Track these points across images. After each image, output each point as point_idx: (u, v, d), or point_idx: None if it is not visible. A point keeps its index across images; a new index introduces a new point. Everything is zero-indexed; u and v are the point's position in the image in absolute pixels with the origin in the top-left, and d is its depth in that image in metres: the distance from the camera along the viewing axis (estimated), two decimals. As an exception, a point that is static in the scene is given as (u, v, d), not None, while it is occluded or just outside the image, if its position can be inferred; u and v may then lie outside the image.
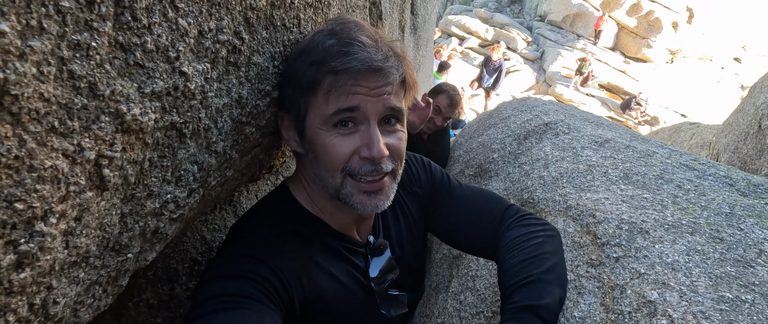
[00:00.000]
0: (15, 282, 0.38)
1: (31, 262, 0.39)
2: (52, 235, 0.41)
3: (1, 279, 0.37)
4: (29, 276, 0.39)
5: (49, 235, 0.40)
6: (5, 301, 0.38)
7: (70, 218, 0.43)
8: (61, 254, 0.43)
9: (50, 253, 0.41)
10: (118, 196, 0.51)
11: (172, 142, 0.58)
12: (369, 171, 0.81)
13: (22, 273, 0.38)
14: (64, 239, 0.43)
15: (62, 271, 0.45)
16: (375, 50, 0.78)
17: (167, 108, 0.55)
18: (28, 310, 0.41)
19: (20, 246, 0.37)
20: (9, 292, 0.38)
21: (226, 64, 0.67)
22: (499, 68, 9.84)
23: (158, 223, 0.61)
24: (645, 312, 0.80)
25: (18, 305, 0.40)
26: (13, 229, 0.37)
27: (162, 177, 0.59)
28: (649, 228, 1.04)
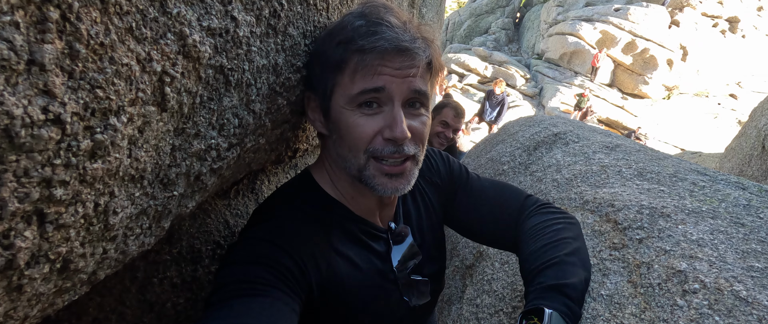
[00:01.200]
0: (89, 170, 0.39)
1: (103, 155, 0.41)
2: (122, 134, 0.42)
3: (78, 163, 0.38)
4: (100, 169, 0.41)
5: (119, 132, 0.42)
6: (78, 188, 0.39)
7: (136, 126, 0.45)
8: (125, 161, 0.45)
9: (118, 152, 0.43)
10: (173, 124, 0.52)
11: (219, 85, 0.61)
12: (391, 152, 0.81)
13: (95, 163, 0.40)
14: (129, 146, 0.45)
15: (123, 181, 0.46)
16: (403, 31, 0.80)
17: (218, 48, 0.57)
18: (93, 208, 0.42)
19: (96, 134, 0.39)
20: (82, 179, 0.39)
21: (267, 25, 0.71)
22: (502, 102, 10.00)
23: (201, 167, 0.62)
24: (675, 281, 0.80)
25: (87, 198, 0.41)
26: (92, 116, 0.38)
27: (208, 120, 0.61)
28: (670, 212, 1.05)
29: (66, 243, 0.40)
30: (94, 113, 0.38)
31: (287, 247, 0.77)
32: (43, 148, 0.34)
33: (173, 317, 0.95)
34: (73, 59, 0.35)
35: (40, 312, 0.43)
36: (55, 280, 0.42)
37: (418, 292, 1.02)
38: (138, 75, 0.43)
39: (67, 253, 0.41)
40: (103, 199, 0.43)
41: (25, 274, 0.37)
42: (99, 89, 0.38)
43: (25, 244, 0.36)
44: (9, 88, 0.31)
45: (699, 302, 0.72)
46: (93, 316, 0.78)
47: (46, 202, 0.36)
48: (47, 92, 0.34)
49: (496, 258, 1.66)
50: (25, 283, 0.38)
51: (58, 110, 0.34)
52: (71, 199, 0.39)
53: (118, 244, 0.50)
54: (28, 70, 0.32)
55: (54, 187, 0.37)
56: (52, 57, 0.33)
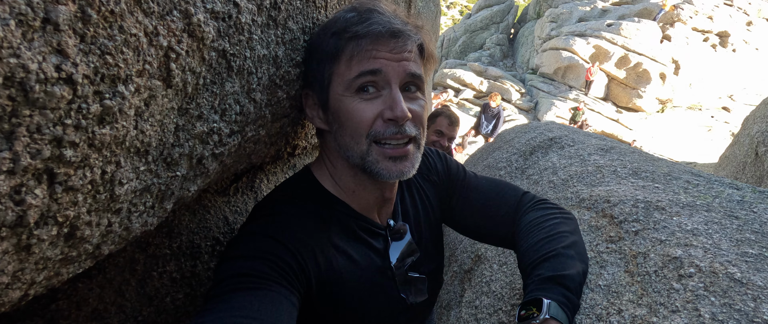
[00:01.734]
0: (97, 135, 0.41)
1: (111, 122, 0.42)
2: (129, 103, 0.44)
3: (87, 126, 0.39)
4: (108, 135, 0.42)
5: (127, 100, 0.43)
6: (87, 152, 0.40)
7: (142, 98, 0.46)
8: (132, 131, 0.46)
9: (125, 121, 0.44)
10: (177, 102, 0.54)
11: (221, 69, 0.62)
12: (393, 133, 0.82)
13: (103, 128, 0.41)
14: (135, 117, 0.46)
15: (129, 152, 0.47)
16: (393, 17, 0.83)
17: (221, 32, 0.59)
18: (100, 175, 0.43)
19: (105, 99, 0.40)
20: (91, 143, 0.40)
21: (268, 16, 0.73)
22: (498, 114, 10.08)
23: (203, 150, 0.64)
24: (671, 267, 0.80)
25: (95, 163, 0.42)
26: (102, 81, 0.40)
27: (210, 103, 0.62)
28: (665, 205, 1.06)
29: (74, 207, 0.41)
30: (103, 79, 0.40)
31: (287, 242, 0.78)
32: (55, 106, 0.36)
33: (172, 312, 0.95)
34: (84, 23, 0.37)
35: (45, 280, 0.44)
36: (62, 246, 0.43)
37: (415, 289, 1.02)
38: (145, 47, 0.44)
39: (74, 219, 0.42)
40: (109, 167, 0.44)
41: (34, 233, 0.38)
42: (108, 55, 0.40)
43: (36, 202, 0.37)
44: (25, 43, 0.32)
45: (695, 285, 0.73)
46: (93, 307, 0.78)
47: (56, 162, 0.37)
48: (60, 51, 0.35)
49: (495, 260, 1.67)
50: (34, 244, 0.39)
51: (70, 70, 0.36)
52: (80, 162, 0.40)
53: (123, 218, 0.51)
54: (44, 27, 0.33)
55: (64, 148, 0.38)
56: (65, 18, 0.35)
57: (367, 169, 0.85)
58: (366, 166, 0.85)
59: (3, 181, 0.33)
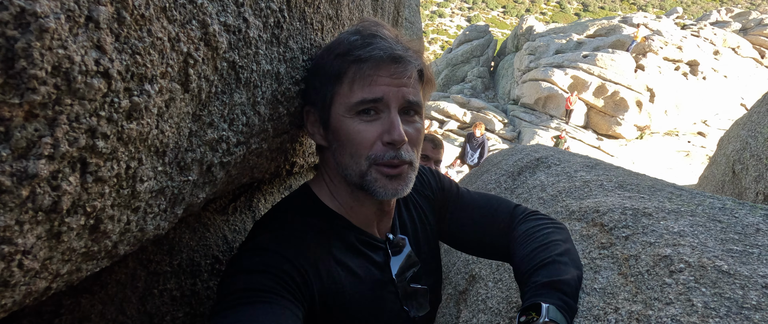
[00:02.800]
0: (126, 129, 0.43)
1: (138, 118, 0.45)
2: (154, 102, 0.46)
3: (118, 120, 0.42)
4: (135, 130, 0.44)
5: (152, 99, 0.46)
6: (116, 145, 0.43)
7: (164, 99, 0.49)
8: (154, 130, 0.48)
9: (150, 118, 0.47)
10: (192, 107, 0.57)
11: (231, 80, 0.66)
12: (391, 157, 0.85)
13: (131, 123, 0.44)
14: (157, 117, 0.49)
15: (150, 151, 0.49)
16: (395, 42, 0.87)
17: (232, 44, 0.63)
18: (125, 170, 0.45)
19: (134, 96, 0.43)
20: (120, 137, 0.43)
21: (272, 34, 0.77)
22: (482, 143, 10.25)
23: (213, 158, 0.66)
24: (662, 265, 0.84)
25: (121, 157, 0.44)
26: (132, 79, 0.43)
27: (220, 111, 0.65)
28: (652, 212, 1.11)
29: (100, 199, 0.43)
30: (133, 77, 0.43)
31: (289, 255, 0.79)
32: (92, 98, 0.38)
33: (172, 331, 0.94)
34: (120, 24, 0.40)
35: (68, 274, 0.45)
36: (86, 238, 0.44)
37: (417, 302, 1.03)
38: (168, 51, 0.48)
39: (100, 211, 0.44)
40: (133, 163, 0.46)
41: (65, 221, 0.40)
42: (138, 55, 0.43)
43: (70, 189, 0.39)
44: (71, 36, 0.35)
45: (685, 278, 0.76)
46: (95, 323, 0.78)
47: (89, 152, 0.40)
48: (99, 47, 0.38)
49: (489, 278, 1.68)
50: (64, 232, 0.40)
51: (107, 65, 0.39)
52: (109, 154, 0.42)
53: (139, 218, 0.53)
54: (87, 24, 0.36)
55: (97, 138, 0.40)
56: (105, 17, 0.38)
57: (364, 187, 0.87)
58: (364, 185, 0.87)
59: (43, 166, 0.36)
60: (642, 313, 0.74)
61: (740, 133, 3.52)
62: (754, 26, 21.97)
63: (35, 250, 0.38)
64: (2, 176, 0.33)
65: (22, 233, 0.36)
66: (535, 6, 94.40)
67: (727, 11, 25.81)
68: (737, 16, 24.22)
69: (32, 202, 0.36)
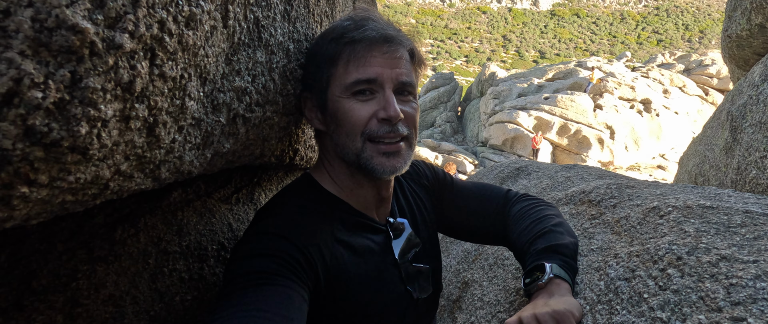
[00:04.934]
0: (185, 35, 0.48)
1: (194, 27, 0.49)
2: (205, 20, 0.51)
3: (180, 21, 0.46)
4: (191, 38, 0.49)
5: (204, 15, 0.51)
6: (176, 47, 0.47)
7: (210, 24, 0.54)
8: (203, 50, 0.53)
9: (201, 33, 0.51)
10: (226, 46, 0.62)
11: (254, 37, 0.71)
12: (387, 132, 0.88)
13: (189, 30, 0.48)
14: (205, 38, 0.53)
15: (197, 69, 0.54)
16: (387, 24, 0.93)
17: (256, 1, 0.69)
18: (179, 77, 0.49)
19: (192, 5, 0.48)
20: (180, 40, 0.47)
21: (285, 9, 0.84)
22: (455, 182, 10.39)
23: (238, 107, 0.70)
24: (652, 214, 0.90)
25: (179, 61, 0.48)
26: (191, -10, 0.48)
27: (246, 63, 0.70)
28: (635, 184, 1.19)
29: (161, 96, 0.47)
30: (192, -12, 0.48)
31: (293, 238, 0.81)
32: (166, -10, 0.43)
33: (181, 313, 0.92)
34: (186, -65, 0.46)
35: (122, 177, 0.47)
36: (144, 137, 0.47)
37: (420, 284, 1.05)
38: (216, -21, 0.53)
39: (158, 112, 0.47)
40: (186, 73, 0.50)
41: (134, 106, 0.43)
42: (197, -29, 0.48)
43: (143, 71, 0.43)
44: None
45: (675, 216, 0.82)
46: (110, 292, 0.77)
47: (158, 43, 0.44)
48: (173, -53, 0.43)
49: (483, 279, 1.70)
50: (132, 118, 0.44)
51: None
52: (172, 53, 0.46)
53: (182, 141, 0.56)
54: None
55: (165, 33, 0.44)
56: (177, -77, 0.44)
57: (362, 165, 0.89)
58: (361, 162, 0.89)
59: (127, 40, 0.40)
60: (640, 249, 0.79)
61: (698, 148, 3.76)
62: (696, 67, 23.79)
63: (111, 125, 0.41)
64: (96, 37, 0.37)
65: (105, 101, 0.39)
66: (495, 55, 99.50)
67: (671, 54, 27.92)
68: (680, 59, 26.23)
69: (115, 72, 0.39)
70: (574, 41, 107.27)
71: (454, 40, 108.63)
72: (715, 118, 3.49)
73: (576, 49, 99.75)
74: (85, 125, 0.38)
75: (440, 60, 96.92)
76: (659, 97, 20.89)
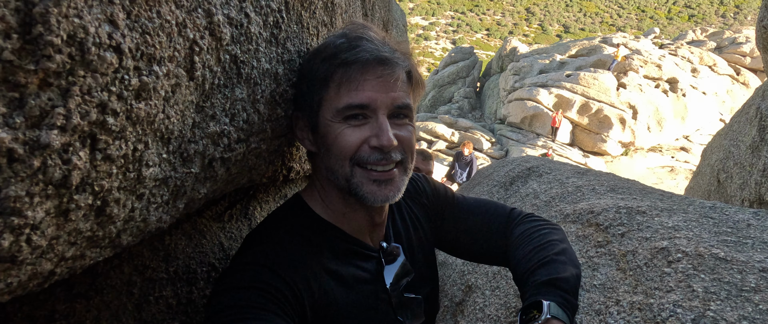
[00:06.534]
0: (134, 108, 0.43)
1: (146, 97, 0.45)
2: (161, 84, 0.47)
3: (127, 97, 0.42)
4: (143, 110, 0.45)
5: (160, 80, 0.46)
6: (125, 124, 0.43)
7: (170, 83, 0.49)
8: (161, 113, 0.48)
9: (157, 101, 0.47)
10: (195, 97, 0.57)
11: (232, 74, 0.66)
12: (378, 159, 0.83)
13: (140, 103, 0.44)
14: (164, 101, 0.49)
15: (156, 135, 0.49)
16: (382, 44, 0.86)
17: (234, 38, 0.64)
18: (132, 151, 0.45)
19: (143, 75, 0.43)
20: (129, 116, 0.43)
21: (271, 34, 0.78)
22: (471, 162, 10.31)
23: (214, 151, 0.66)
24: (660, 257, 0.85)
25: (129, 137, 0.44)
26: (141, 58, 0.43)
27: (222, 105, 0.65)
28: (646, 209, 1.12)
29: (108, 179, 0.43)
30: (142, 56, 0.43)
31: (280, 270, 0.78)
32: (105, 72, 0.38)
33: (168, 339, 0.91)
34: (131, 1, 0.41)
35: (72, 259, 0.44)
36: (93, 220, 0.44)
37: (412, 312, 1.01)
38: (176, 35, 0.48)
39: (107, 193, 0.44)
40: (140, 145, 0.46)
41: (73, 198, 0.39)
42: (148, 35, 0.43)
43: (80, 163, 0.38)
44: (86, 7, 0.35)
45: (684, 267, 0.77)
46: (90, 330, 0.75)
47: (99, 128, 0.40)
48: (112, 22, 0.38)
49: (486, 287, 1.67)
50: (72, 210, 0.40)
51: (119, 40, 0.39)
52: (118, 133, 0.42)
53: (143, 206, 0.52)
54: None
55: (108, 114, 0.40)
56: (118, -7, 0.39)
57: (352, 191, 0.85)
58: (351, 188, 0.85)
59: (56, 137, 0.35)
60: (643, 302, 0.74)
61: (723, 142, 3.61)
62: (728, 45, 22.77)
63: (43, 225, 0.37)
64: (15, 143, 0.33)
65: (31, 206, 0.35)
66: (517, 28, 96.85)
67: (702, 31, 26.75)
68: (712, 36, 25.11)
69: (43, 173, 0.35)
70: (600, 15, 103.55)
71: (475, 12, 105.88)
72: (743, 112, 3.32)
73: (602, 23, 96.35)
74: (8, 236, 0.34)
75: (460, 33, 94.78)
76: (687, 76, 20.14)
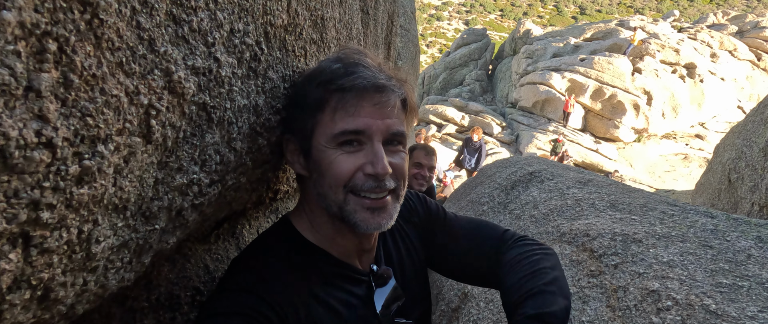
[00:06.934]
0: (75, 195, 0.41)
1: (89, 181, 0.42)
2: (108, 161, 0.44)
3: (65, 187, 0.40)
4: (86, 195, 0.42)
5: (106, 159, 0.44)
6: (64, 213, 0.41)
7: (122, 155, 0.47)
8: (110, 189, 0.46)
9: (104, 179, 0.44)
10: (157, 156, 0.55)
11: (201, 122, 0.63)
12: (372, 187, 0.82)
13: (81, 188, 0.42)
14: (114, 175, 0.46)
15: (107, 209, 0.47)
16: (378, 71, 0.85)
17: (202, 86, 0.61)
18: (77, 235, 0.43)
19: (84, 160, 0.41)
20: (69, 204, 0.41)
21: (248, 68, 0.75)
22: (480, 148, 10.22)
23: (183, 202, 0.64)
24: (650, 301, 0.82)
25: (72, 224, 0.42)
26: (82, 143, 0.41)
27: (190, 155, 0.63)
28: (642, 238, 1.09)
29: (48, 269, 0.41)
30: (83, 140, 0.41)
31: (266, 296, 0.77)
32: (34, 171, 0.36)
33: (150, 368, 0.91)
34: (66, 88, 0.38)
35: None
36: (35, 309, 0.42)
37: None
38: (126, 106, 0.46)
39: (49, 281, 0.42)
40: (87, 226, 0.44)
41: (6, 299, 0.38)
42: (89, 117, 0.41)
43: (9, 266, 0.37)
44: (7, 111, 0.33)
45: (672, 318, 0.74)
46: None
47: (32, 225, 0.38)
48: (41, 117, 0.36)
49: (481, 298, 1.66)
50: (5, 310, 0.38)
51: (50, 134, 0.37)
52: (57, 224, 0.40)
53: (99, 276, 0.51)
54: (26, 95, 0.34)
55: (41, 210, 0.38)
56: (48, 84, 0.36)
57: (345, 219, 0.84)
58: (344, 215, 0.84)
59: (-23, 248, 0.33)
60: (629, 354, 0.72)
61: (736, 141, 3.51)
62: (751, 29, 22.05)
63: (-28, 332, 0.36)
64: (-72, 266, 0.30)
65: (-45, 319, 0.34)
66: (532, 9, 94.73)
67: (724, 14, 25.92)
68: (734, 19, 24.32)
69: (-34, 286, 0.34)
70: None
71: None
72: (758, 112, 3.22)
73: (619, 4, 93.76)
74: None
75: (473, 13, 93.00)
76: (705, 61, 19.62)
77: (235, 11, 0.67)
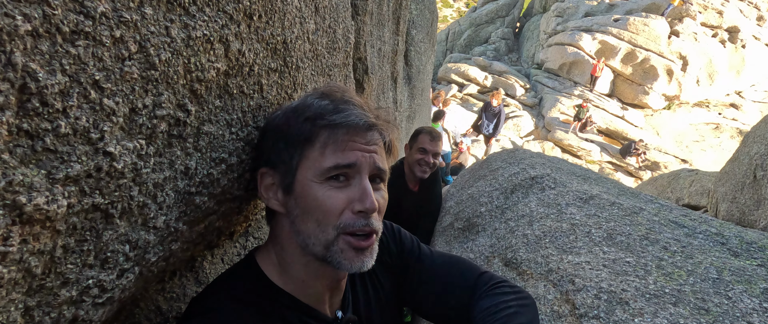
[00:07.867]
0: None
1: None
2: None
3: None
4: None
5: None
6: None
7: None
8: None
9: None
10: (19, 291, 0.47)
11: (94, 224, 0.55)
12: (362, 226, 0.80)
13: None
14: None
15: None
16: (367, 110, 0.84)
17: (87, 191, 0.52)
18: None
19: None
20: None
21: (168, 137, 0.65)
22: (499, 114, 9.94)
23: (78, 311, 0.57)
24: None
25: None
26: None
27: (82, 262, 0.55)
28: (629, 298, 0.99)
29: None
30: None
31: None
32: None
33: None
34: None
35: None
36: None
37: None
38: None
39: None
40: None
41: None
42: None
43: None
44: None
45: None
46: None
47: None
48: None
49: None
50: None
51: None
52: None
53: None
54: None
55: None
56: None
57: (328, 258, 0.81)
58: (329, 256, 0.81)
59: None
60: None
61: (767, 134, 3.26)
62: (806, -11, 20.29)
63: None
64: None
65: None
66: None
67: (778, -29, 23.83)
68: (788, -22, 22.36)
69: None
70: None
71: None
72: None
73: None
74: None
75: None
76: (751, 25, 18.33)
77: (136, 88, 0.57)
